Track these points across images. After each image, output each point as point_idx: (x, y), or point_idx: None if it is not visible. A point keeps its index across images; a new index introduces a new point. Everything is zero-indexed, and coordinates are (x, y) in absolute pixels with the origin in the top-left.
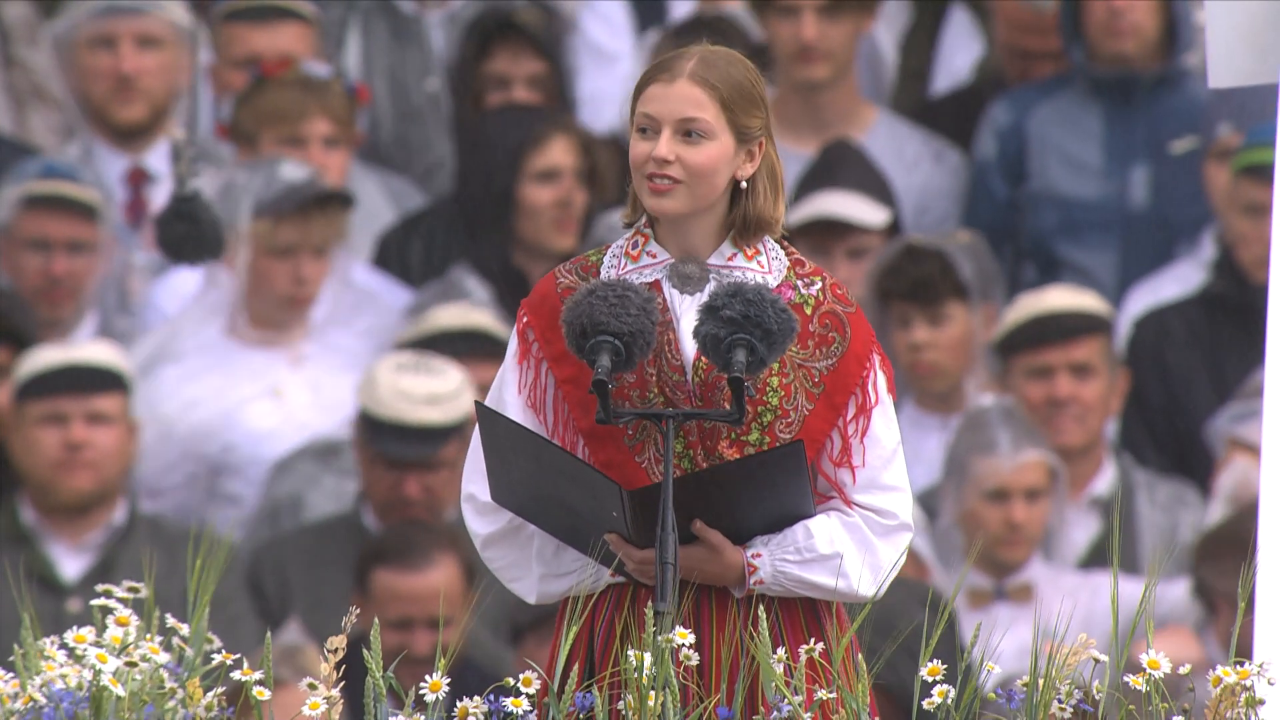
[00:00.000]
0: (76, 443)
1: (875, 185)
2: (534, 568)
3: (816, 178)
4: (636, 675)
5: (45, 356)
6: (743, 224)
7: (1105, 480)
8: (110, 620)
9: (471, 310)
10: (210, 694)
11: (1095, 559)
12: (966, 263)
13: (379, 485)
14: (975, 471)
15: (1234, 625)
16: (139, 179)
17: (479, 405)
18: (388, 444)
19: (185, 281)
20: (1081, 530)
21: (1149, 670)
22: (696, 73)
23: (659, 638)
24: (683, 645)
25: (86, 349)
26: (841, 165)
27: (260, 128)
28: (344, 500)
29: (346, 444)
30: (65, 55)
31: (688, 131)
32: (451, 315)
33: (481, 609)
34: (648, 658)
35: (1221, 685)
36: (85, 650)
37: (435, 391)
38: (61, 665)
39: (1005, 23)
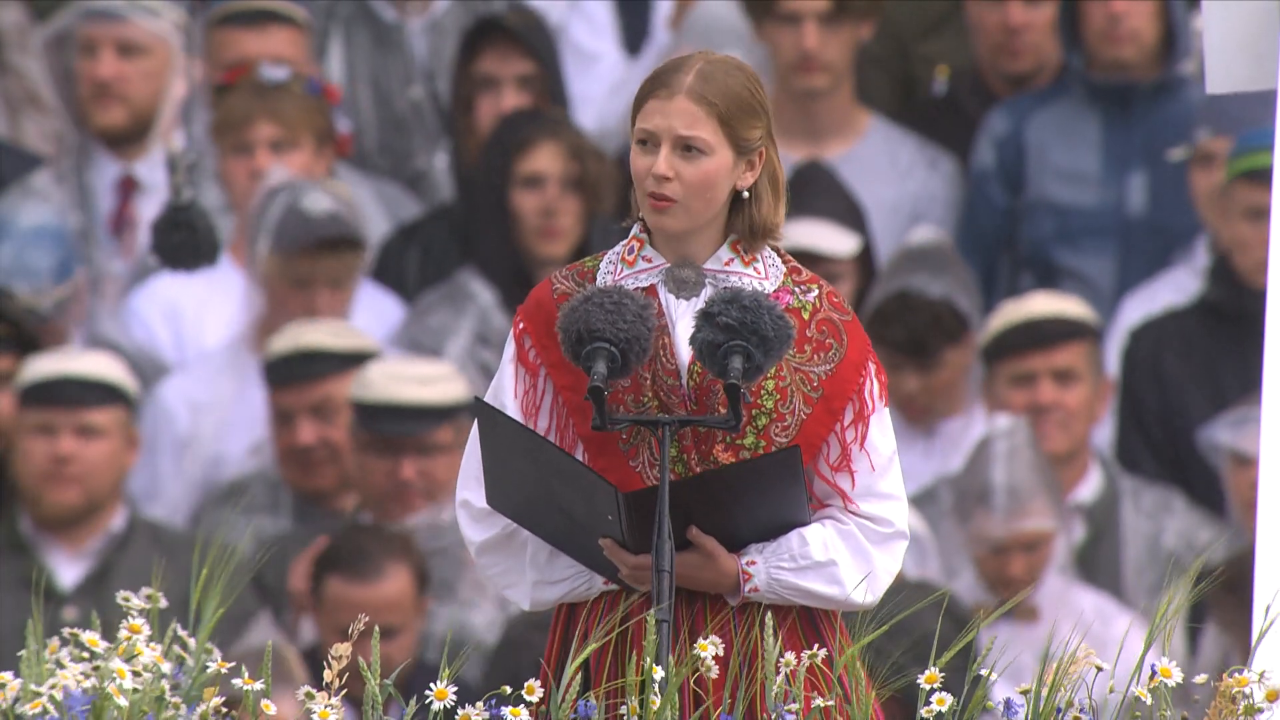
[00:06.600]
0: (63, 456)
1: (846, 210)
2: (527, 574)
3: (787, 203)
4: (643, 683)
5: (42, 366)
6: (750, 232)
7: (1090, 487)
8: (122, 628)
9: (320, 329)
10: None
11: (1080, 566)
12: (962, 296)
13: (375, 475)
14: (976, 525)
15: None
16: (129, 188)
17: (478, 403)
18: (380, 424)
19: (165, 289)
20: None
21: (1160, 678)
22: (694, 89)
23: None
24: (703, 656)
25: (82, 360)
26: (812, 190)
27: (216, 137)
28: (259, 536)
29: (252, 478)
30: (56, 59)
31: (686, 147)
32: (311, 335)
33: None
34: (659, 669)
35: (1220, 693)
36: (101, 657)
37: (425, 373)
38: (74, 674)
39: (982, 43)
